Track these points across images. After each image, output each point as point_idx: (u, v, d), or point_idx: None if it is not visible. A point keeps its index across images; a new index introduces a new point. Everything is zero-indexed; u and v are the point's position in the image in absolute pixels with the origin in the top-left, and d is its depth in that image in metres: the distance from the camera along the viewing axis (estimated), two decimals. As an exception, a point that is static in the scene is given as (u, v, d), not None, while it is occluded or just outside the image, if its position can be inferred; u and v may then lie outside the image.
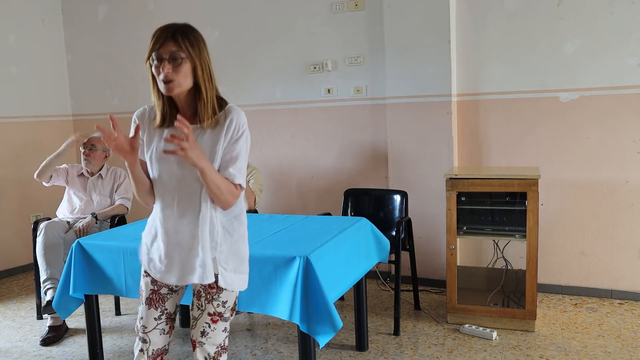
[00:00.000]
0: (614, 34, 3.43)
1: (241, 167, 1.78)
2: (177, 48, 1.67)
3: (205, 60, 1.75)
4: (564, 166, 3.64)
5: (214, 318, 1.83)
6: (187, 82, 1.71)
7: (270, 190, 4.44)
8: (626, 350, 2.88)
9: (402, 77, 3.88)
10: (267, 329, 3.35)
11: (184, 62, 1.69)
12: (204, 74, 1.74)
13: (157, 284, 1.87)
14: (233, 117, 1.77)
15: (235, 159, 1.76)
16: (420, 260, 3.84)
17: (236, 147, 1.76)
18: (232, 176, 1.75)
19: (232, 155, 1.76)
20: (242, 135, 1.78)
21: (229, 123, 1.76)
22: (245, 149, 1.80)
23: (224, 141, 1.75)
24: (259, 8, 4.39)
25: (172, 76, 1.67)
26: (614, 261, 3.60)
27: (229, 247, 1.81)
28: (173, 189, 1.79)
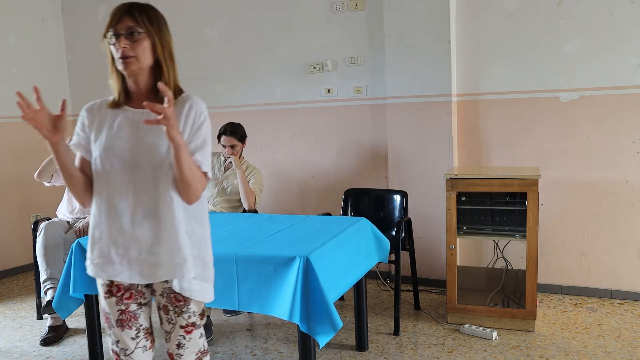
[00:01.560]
0: (614, 34, 3.43)
1: (207, 155, 1.67)
2: (135, 23, 1.60)
3: (166, 38, 1.67)
4: (564, 166, 3.64)
5: (187, 329, 1.74)
6: (145, 60, 1.62)
7: (270, 190, 4.44)
8: (626, 350, 2.88)
9: (402, 77, 3.88)
10: (267, 329, 3.36)
11: (142, 37, 1.60)
12: (164, 51, 1.65)
13: (123, 302, 1.72)
14: (192, 103, 1.67)
15: (201, 146, 1.64)
16: (420, 260, 3.84)
17: (200, 133, 1.65)
18: (199, 163, 1.63)
19: (197, 142, 1.64)
20: (205, 122, 1.67)
21: (189, 108, 1.65)
22: (209, 137, 1.69)
23: (184, 128, 1.63)
24: (259, 8, 4.39)
25: (129, 52, 1.59)
26: (614, 261, 3.60)
27: (190, 251, 1.67)
28: (127, 180, 1.63)
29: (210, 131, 1.69)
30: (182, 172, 1.55)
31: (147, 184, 1.62)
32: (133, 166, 1.62)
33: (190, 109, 1.65)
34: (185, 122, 1.64)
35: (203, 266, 1.72)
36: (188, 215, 1.67)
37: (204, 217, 1.75)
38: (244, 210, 3.68)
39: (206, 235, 1.75)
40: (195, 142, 1.64)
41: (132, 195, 1.62)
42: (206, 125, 1.67)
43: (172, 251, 1.63)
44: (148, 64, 1.63)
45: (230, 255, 2.37)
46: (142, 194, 1.62)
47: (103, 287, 1.73)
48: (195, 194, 1.62)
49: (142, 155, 1.61)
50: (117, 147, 1.63)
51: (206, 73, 4.64)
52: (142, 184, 1.62)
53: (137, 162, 1.61)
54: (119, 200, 1.63)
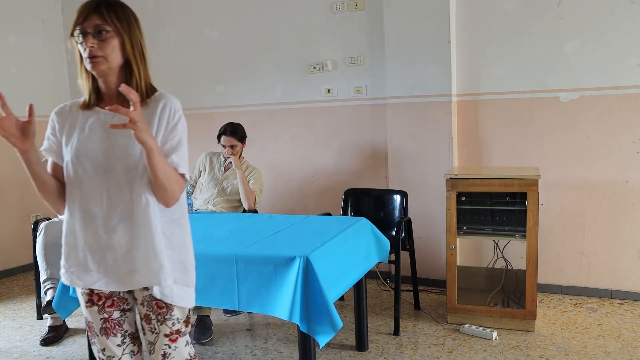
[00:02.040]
0: (614, 34, 3.43)
1: (184, 155, 1.59)
2: (102, 21, 1.52)
3: (136, 37, 1.59)
4: (564, 166, 3.64)
5: (172, 337, 1.68)
6: (115, 59, 1.54)
7: (270, 190, 4.44)
8: (626, 350, 2.88)
9: (402, 77, 3.88)
10: (267, 329, 3.36)
11: (110, 36, 1.53)
12: (134, 50, 1.58)
13: (105, 310, 1.67)
14: (166, 101, 1.59)
15: (177, 147, 1.57)
16: (420, 260, 3.83)
17: (176, 133, 1.57)
18: (175, 164, 1.55)
19: (172, 142, 1.57)
20: (180, 121, 1.59)
21: (162, 107, 1.57)
22: (185, 136, 1.61)
23: (158, 128, 1.56)
24: (259, 8, 4.39)
25: (97, 51, 1.52)
26: (614, 261, 3.59)
27: (169, 255, 1.61)
28: (100, 184, 1.56)
29: (186, 130, 1.62)
30: (157, 175, 1.49)
31: (121, 188, 1.55)
32: (106, 170, 1.56)
33: (164, 108, 1.58)
34: (159, 122, 1.57)
35: (184, 270, 1.66)
36: (166, 219, 1.62)
37: (184, 220, 1.69)
38: (244, 210, 3.68)
39: (186, 238, 1.69)
40: (170, 142, 1.57)
41: (105, 200, 1.56)
42: (181, 125, 1.60)
43: (149, 257, 1.57)
44: (117, 64, 1.57)
45: (230, 255, 2.37)
46: (116, 198, 1.55)
47: (83, 296, 1.68)
48: (172, 197, 1.56)
49: (115, 158, 1.55)
50: (89, 150, 1.57)
51: (206, 73, 4.64)
52: (115, 188, 1.55)
53: (110, 165, 1.55)
54: (93, 206, 1.57)
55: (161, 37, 4.74)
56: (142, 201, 1.55)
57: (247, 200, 3.60)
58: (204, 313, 3.26)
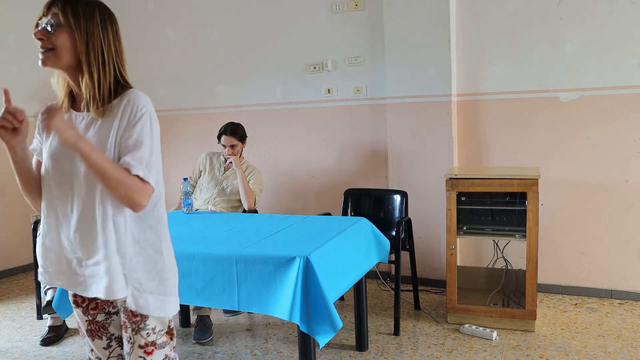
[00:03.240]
0: (614, 34, 3.43)
1: (142, 156, 1.45)
2: (55, 15, 1.45)
3: (95, 36, 1.47)
4: (564, 166, 3.64)
5: (147, 349, 1.56)
6: (65, 56, 1.46)
7: (270, 190, 4.44)
8: (626, 350, 2.88)
9: (402, 77, 3.88)
10: (267, 329, 3.36)
11: (61, 31, 1.45)
12: (89, 50, 1.46)
13: (89, 312, 1.63)
14: (130, 98, 1.48)
15: (133, 147, 1.45)
16: (420, 260, 3.84)
17: (133, 132, 1.45)
18: (128, 165, 1.43)
19: (128, 142, 1.45)
20: (142, 118, 1.47)
21: (125, 105, 1.47)
22: (149, 136, 1.47)
23: (119, 127, 1.47)
24: (258, 8, 4.39)
25: (46, 44, 1.45)
26: (614, 261, 3.59)
27: (142, 264, 1.52)
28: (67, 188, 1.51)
29: (151, 129, 1.49)
30: (100, 179, 1.42)
31: (86, 193, 1.48)
32: (72, 174, 1.49)
33: (127, 105, 1.47)
34: (120, 121, 1.47)
35: (159, 279, 1.55)
36: (141, 226, 1.53)
37: (161, 226, 1.58)
38: (244, 210, 3.68)
39: (163, 245, 1.58)
40: (127, 141, 1.45)
41: (70, 205, 1.50)
42: (143, 123, 1.47)
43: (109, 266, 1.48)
44: (69, 63, 1.48)
45: (230, 255, 2.37)
46: (81, 203, 1.49)
47: (70, 296, 1.66)
48: (132, 203, 1.45)
49: (79, 162, 1.46)
50: (60, 154, 1.51)
51: (206, 73, 4.64)
52: (80, 192, 1.49)
53: (75, 170, 1.48)
54: (60, 209, 1.53)
55: (161, 37, 4.74)
56: (105, 207, 1.47)
57: (247, 200, 3.60)
58: (204, 313, 3.26)
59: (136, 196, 1.44)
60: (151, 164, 1.47)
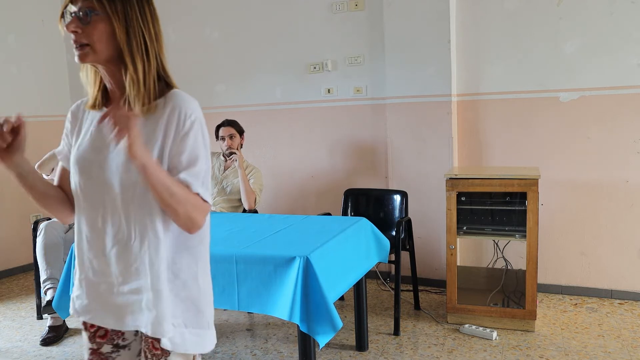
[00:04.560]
0: (614, 34, 3.43)
1: (199, 172, 1.28)
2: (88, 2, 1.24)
3: (135, 20, 1.28)
4: (564, 166, 3.64)
5: None
6: (105, 49, 1.26)
7: (270, 190, 4.44)
8: (626, 350, 2.88)
9: (402, 77, 3.88)
10: (267, 329, 3.36)
11: (97, 19, 1.24)
12: (130, 38, 1.27)
13: (95, 340, 1.42)
14: (176, 103, 1.29)
15: (189, 162, 1.28)
16: (420, 260, 3.83)
17: (187, 144, 1.28)
18: (187, 183, 1.27)
19: (182, 157, 1.27)
20: (194, 128, 1.29)
21: (171, 112, 1.28)
22: (202, 148, 1.30)
23: (165, 138, 1.28)
24: (258, 8, 4.39)
25: (81, 38, 1.24)
26: (614, 261, 3.59)
27: (175, 293, 1.32)
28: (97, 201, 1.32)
29: (204, 140, 1.32)
30: (160, 197, 1.22)
31: (117, 208, 1.30)
32: (103, 185, 1.30)
33: (172, 112, 1.29)
34: (166, 132, 1.28)
35: (195, 310, 1.36)
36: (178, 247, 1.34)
37: (201, 247, 1.39)
38: (244, 210, 3.68)
39: (200, 270, 1.38)
40: (179, 157, 1.28)
41: (101, 220, 1.32)
42: (196, 133, 1.29)
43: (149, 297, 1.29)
44: (109, 55, 1.28)
45: (230, 255, 2.37)
46: (112, 219, 1.30)
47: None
48: (191, 223, 1.28)
49: (112, 172, 1.29)
50: (88, 159, 1.33)
51: (206, 73, 4.64)
52: (112, 207, 1.30)
53: (106, 179, 1.29)
54: (87, 225, 1.34)
55: (161, 37, 4.74)
56: (142, 225, 1.29)
57: (248, 200, 3.60)
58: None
59: (196, 215, 1.28)
60: (206, 180, 1.31)
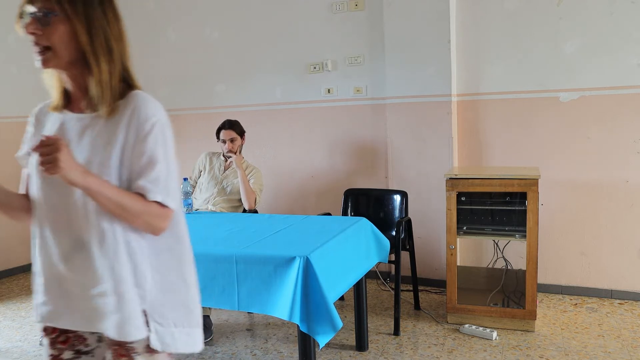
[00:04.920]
0: (614, 34, 3.43)
1: (158, 176, 1.23)
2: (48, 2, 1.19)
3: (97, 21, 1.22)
4: (564, 166, 3.64)
5: None
6: (67, 51, 1.21)
7: (270, 190, 4.44)
8: (626, 350, 2.88)
9: (402, 77, 3.88)
10: (267, 329, 3.36)
11: (57, 21, 1.19)
12: (93, 40, 1.22)
13: (56, 346, 1.37)
14: (137, 104, 1.24)
15: (147, 167, 1.23)
16: (420, 260, 3.84)
17: (145, 149, 1.23)
18: (145, 190, 1.22)
19: (140, 163, 1.23)
20: (153, 131, 1.23)
21: (132, 113, 1.23)
22: (162, 150, 1.25)
23: (125, 143, 1.23)
24: (258, 8, 4.39)
25: (42, 40, 1.20)
26: (614, 261, 3.59)
27: (163, 293, 1.30)
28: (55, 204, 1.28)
29: (165, 142, 1.26)
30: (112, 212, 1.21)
31: (77, 211, 1.25)
32: (65, 188, 1.23)
33: (133, 113, 1.24)
34: (127, 133, 1.23)
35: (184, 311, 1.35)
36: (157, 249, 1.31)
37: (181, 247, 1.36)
38: (244, 210, 3.68)
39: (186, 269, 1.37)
40: (140, 159, 1.23)
41: (61, 223, 1.28)
42: (156, 135, 1.24)
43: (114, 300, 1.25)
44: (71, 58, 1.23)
45: (230, 255, 2.37)
46: (73, 222, 1.26)
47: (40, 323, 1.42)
48: (152, 229, 1.26)
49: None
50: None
51: (206, 73, 4.64)
52: (73, 210, 1.25)
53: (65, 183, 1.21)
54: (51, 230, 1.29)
55: (161, 37, 4.74)
56: (101, 230, 1.24)
57: (248, 200, 3.60)
58: (204, 313, 3.26)
59: (157, 223, 1.25)
60: (169, 184, 1.26)
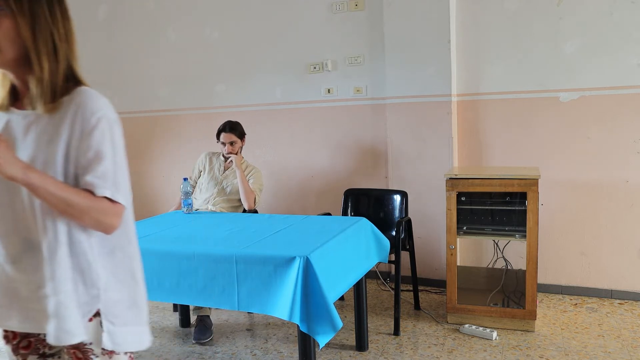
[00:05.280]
0: (614, 34, 3.43)
1: (105, 171, 1.21)
2: None
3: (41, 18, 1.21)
4: (564, 166, 3.64)
5: None
6: (10, 48, 1.20)
7: (270, 190, 4.44)
8: (626, 350, 2.88)
9: (402, 77, 3.88)
10: (267, 329, 3.36)
11: (1, 16, 1.17)
12: (37, 37, 1.20)
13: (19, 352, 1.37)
14: (82, 100, 1.23)
15: (94, 161, 1.21)
16: (420, 260, 3.84)
17: (90, 144, 1.21)
18: (92, 186, 1.20)
19: (87, 156, 1.21)
20: (98, 125, 1.22)
21: (76, 108, 1.22)
22: (109, 144, 1.23)
23: (70, 139, 1.21)
24: (259, 8, 4.39)
25: None
26: (614, 261, 3.59)
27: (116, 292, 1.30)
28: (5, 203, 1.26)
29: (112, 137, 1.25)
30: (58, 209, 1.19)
31: (25, 210, 1.23)
32: (13, 187, 1.22)
33: (77, 111, 1.22)
34: (72, 129, 1.21)
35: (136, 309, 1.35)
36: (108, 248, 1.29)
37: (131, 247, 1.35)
38: (244, 210, 3.68)
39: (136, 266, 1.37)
40: (86, 154, 1.21)
41: (9, 223, 1.26)
42: (102, 130, 1.22)
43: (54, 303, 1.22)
44: (17, 54, 1.22)
45: (230, 255, 2.37)
46: (22, 222, 1.25)
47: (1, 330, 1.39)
48: (102, 227, 1.23)
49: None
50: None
51: (206, 73, 4.64)
52: (21, 209, 1.24)
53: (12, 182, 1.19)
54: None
55: (161, 37, 4.74)
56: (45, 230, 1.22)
57: (247, 200, 3.60)
58: (204, 313, 3.26)
59: (107, 220, 1.22)
60: (118, 179, 1.23)
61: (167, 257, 2.49)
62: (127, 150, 1.30)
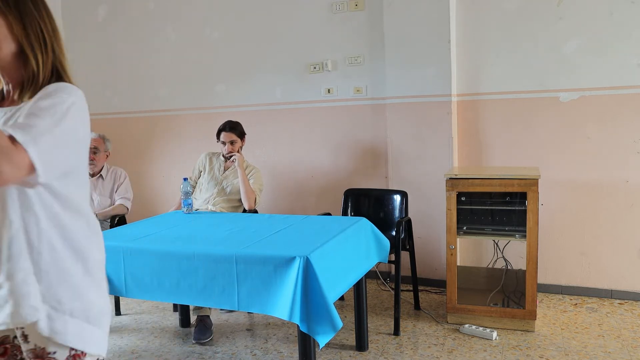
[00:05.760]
0: (614, 34, 3.43)
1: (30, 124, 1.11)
2: None
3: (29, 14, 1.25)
4: (564, 166, 3.64)
5: None
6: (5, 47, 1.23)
7: (270, 190, 4.44)
8: (626, 350, 2.88)
9: (402, 77, 3.88)
10: (267, 329, 3.35)
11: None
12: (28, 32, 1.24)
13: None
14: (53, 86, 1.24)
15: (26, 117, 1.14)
16: (420, 260, 3.83)
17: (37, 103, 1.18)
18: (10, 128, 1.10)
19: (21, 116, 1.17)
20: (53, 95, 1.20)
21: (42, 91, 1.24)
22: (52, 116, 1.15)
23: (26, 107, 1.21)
24: (258, 8, 4.39)
25: None
26: (614, 261, 3.59)
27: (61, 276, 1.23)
28: None
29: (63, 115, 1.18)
30: None
31: None
32: None
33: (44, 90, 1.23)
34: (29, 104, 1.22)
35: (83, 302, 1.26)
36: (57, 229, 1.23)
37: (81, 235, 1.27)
38: (244, 210, 3.68)
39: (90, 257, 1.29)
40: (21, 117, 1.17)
41: None
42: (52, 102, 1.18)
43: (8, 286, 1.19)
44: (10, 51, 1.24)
45: (230, 255, 2.37)
46: None
47: None
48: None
49: None
50: None
51: (206, 73, 4.64)
52: None
53: None
54: None
55: (161, 37, 4.74)
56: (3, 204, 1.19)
57: (248, 200, 3.60)
58: (204, 313, 3.26)
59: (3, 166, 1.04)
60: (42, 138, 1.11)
61: (167, 257, 2.50)
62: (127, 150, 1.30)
